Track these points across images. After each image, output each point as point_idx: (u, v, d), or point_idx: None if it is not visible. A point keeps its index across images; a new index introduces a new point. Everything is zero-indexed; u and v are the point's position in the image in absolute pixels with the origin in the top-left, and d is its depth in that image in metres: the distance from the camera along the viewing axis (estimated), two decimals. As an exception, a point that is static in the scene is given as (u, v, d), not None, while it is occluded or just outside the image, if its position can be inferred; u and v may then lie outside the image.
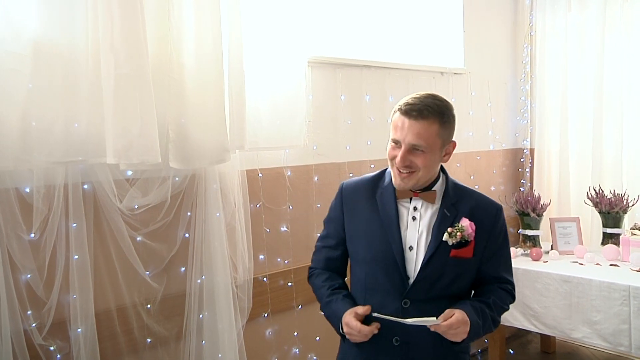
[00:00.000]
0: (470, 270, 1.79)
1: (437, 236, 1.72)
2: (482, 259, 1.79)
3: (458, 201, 1.78)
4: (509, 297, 1.85)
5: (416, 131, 1.65)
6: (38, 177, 1.92)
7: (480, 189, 3.89)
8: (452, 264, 1.73)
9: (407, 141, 1.66)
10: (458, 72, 3.75)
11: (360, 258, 1.82)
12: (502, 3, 4.19)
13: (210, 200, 2.32)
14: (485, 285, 1.83)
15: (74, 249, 1.99)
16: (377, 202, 1.80)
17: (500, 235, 1.83)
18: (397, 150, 1.69)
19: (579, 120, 3.96)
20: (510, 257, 1.89)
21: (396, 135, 1.68)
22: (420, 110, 1.64)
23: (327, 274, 1.90)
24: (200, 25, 2.13)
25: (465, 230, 1.71)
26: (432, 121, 1.66)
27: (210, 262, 2.31)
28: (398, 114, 1.69)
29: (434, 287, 1.73)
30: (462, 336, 1.65)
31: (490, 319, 1.76)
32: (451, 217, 1.75)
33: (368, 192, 1.84)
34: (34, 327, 1.92)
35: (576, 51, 3.94)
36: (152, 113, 1.97)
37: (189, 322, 2.31)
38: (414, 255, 1.74)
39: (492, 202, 1.85)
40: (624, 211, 3.48)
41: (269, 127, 2.46)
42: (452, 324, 1.62)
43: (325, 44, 2.98)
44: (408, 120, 1.65)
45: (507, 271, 1.86)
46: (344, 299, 1.80)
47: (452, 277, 1.74)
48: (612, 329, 2.85)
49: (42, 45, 1.81)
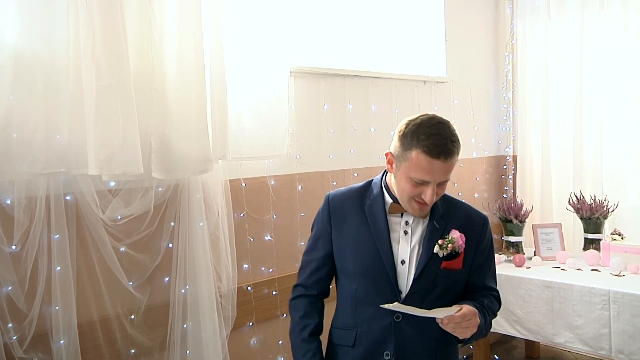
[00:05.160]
0: (460, 281, 1.79)
1: (428, 249, 1.72)
2: (471, 269, 1.80)
3: (447, 213, 1.78)
4: (496, 303, 1.86)
5: (446, 170, 1.62)
6: (19, 188, 1.91)
7: (463, 196, 3.94)
8: (443, 276, 1.73)
9: (438, 181, 1.63)
10: (440, 80, 3.79)
11: (350, 272, 1.79)
12: (484, 12, 4.24)
13: (194, 210, 2.32)
14: (473, 294, 1.83)
15: (56, 260, 1.98)
16: (366, 215, 1.78)
17: (487, 245, 1.84)
18: (420, 188, 1.64)
19: (560, 127, 4.02)
20: (495, 266, 1.91)
21: (424, 177, 1.61)
22: (450, 151, 1.60)
23: (305, 308, 1.84)
24: (182, 36, 2.14)
25: (456, 241, 1.71)
26: (457, 154, 1.64)
27: (194, 271, 2.31)
28: (423, 155, 1.58)
29: (426, 299, 1.72)
30: (473, 330, 1.63)
31: (489, 320, 1.77)
32: (441, 229, 1.74)
33: (356, 204, 1.81)
34: (15, 340, 1.90)
35: (556, 59, 4.00)
36: (134, 123, 1.98)
37: (173, 332, 2.30)
38: (406, 269, 1.73)
39: (479, 213, 1.86)
40: (604, 217, 3.52)
41: (251, 136, 2.47)
42: (466, 314, 1.60)
43: (308, 54, 3.00)
44: (439, 163, 1.59)
45: (493, 280, 1.88)
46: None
47: (443, 289, 1.74)
48: (593, 333, 2.88)
49: (23, 56, 1.81)
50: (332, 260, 1.85)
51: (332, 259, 1.85)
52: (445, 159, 1.59)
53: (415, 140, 1.60)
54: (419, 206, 1.69)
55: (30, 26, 1.82)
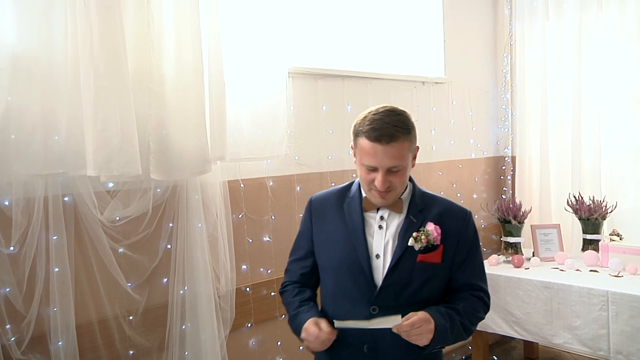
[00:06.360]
0: (440, 276, 1.77)
1: (403, 242, 1.72)
2: (453, 265, 1.78)
3: (425, 208, 1.79)
4: (481, 304, 1.81)
5: (391, 154, 1.64)
6: (17, 189, 1.91)
7: (462, 196, 3.95)
8: (419, 270, 1.72)
9: (385, 166, 1.65)
10: (439, 81, 3.80)
11: (328, 267, 1.82)
12: (482, 13, 4.25)
13: (192, 211, 2.32)
14: (457, 293, 1.81)
15: (54, 261, 1.97)
16: (344, 211, 1.81)
17: (470, 240, 1.82)
18: (373, 174, 1.68)
19: (558, 127, 4.03)
20: (483, 264, 1.87)
21: (370, 162, 1.66)
22: (391, 134, 1.62)
23: (298, 288, 1.89)
24: (180, 36, 2.14)
25: (431, 234, 1.71)
26: (402, 140, 1.65)
27: (192, 273, 2.31)
28: (366, 140, 1.65)
29: (402, 293, 1.72)
30: (428, 336, 1.62)
31: (460, 325, 1.72)
32: (418, 223, 1.75)
33: (336, 202, 1.85)
34: (13, 341, 1.90)
35: (555, 59, 4.01)
36: (132, 125, 1.98)
37: (171, 333, 2.30)
38: (381, 262, 1.73)
39: (460, 208, 1.86)
40: (603, 217, 3.53)
41: (250, 137, 2.47)
42: (414, 322, 1.59)
43: (306, 55, 3.00)
44: (381, 146, 1.63)
45: (479, 278, 1.83)
46: (310, 310, 1.79)
47: (420, 283, 1.73)
48: (592, 334, 2.89)
49: (21, 57, 1.81)
50: (314, 258, 1.89)
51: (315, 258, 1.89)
52: (388, 143, 1.62)
53: (361, 127, 1.68)
54: (378, 194, 1.71)
55: (28, 27, 1.83)
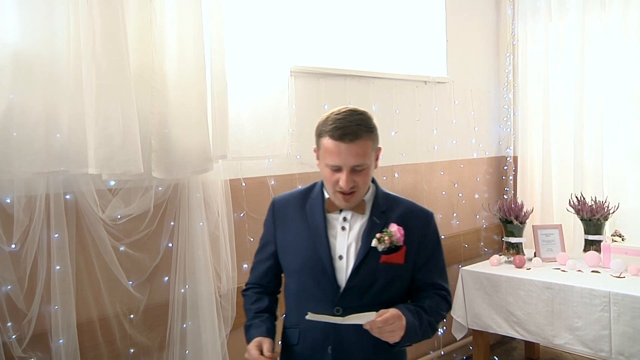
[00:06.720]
0: (403, 277, 1.78)
1: (366, 243, 1.72)
2: (415, 265, 1.79)
3: (388, 209, 1.79)
4: (444, 302, 1.83)
5: (355, 152, 1.64)
6: (19, 187, 1.91)
7: (463, 196, 3.95)
8: (383, 270, 1.72)
9: (349, 164, 1.65)
10: (441, 81, 3.79)
11: (291, 269, 1.82)
12: (485, 13, 4.24)
13: (194, 210, 2.32)
14: (420, 292, 1.82)
15: (55, 259, 1.98)
16: (306, 213, 1.81)
17: (432, 241, 1.83)
18: (337, 174, 1.67)
19: (560, 128, 4.01)
20: (444, 263, 1.88)
21: (335, 162, 1.65)
22: (354, 132, 1.63)
23: (257, 295, 1.89)
24: (182, 35, 2.14)
25: (394, 235, 1.71)
26: (365, 138, 1.66)
27: (193, 271, 2.31)
28: (330, 140, 1.65)
29: (366, 294, 1.72)
30: (400, 333, 1.62)
31: (427, 323, 1.73)
32: (381, 225, 1.75)
33: (298, 204, 1.84)
34: (14, 339, 1.90)
35: (557, 60, 4.00)
36: (134, 123, 1.98)
37: (172, 332, 2.31)
38: (344, 264, 1.73)
39: (422, 209, 1.86)
40: (605, 218, 3.52)
41: (252, 136, 2.47)
42: (387, 318, 1.59)
43: (309, 54, 3.00)
44: (345, 145, 1.63)
45: (441, 277, 1.85)
46: (260, 326, 1.79)
47: (384, 284, 1.73)
48: (593, 334, 2.88)
49: (23, 55, 1.81)
50: (277, 260, 1.88)
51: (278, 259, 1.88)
52: (351, 141, 1.63)
53: (323, 127, 1.68)
54: (342, 197, 1.71)
55: (30, 25, 1.83)
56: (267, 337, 1.73)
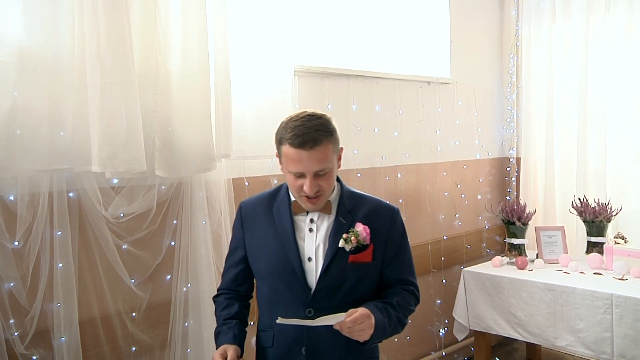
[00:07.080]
0: (372, 275, 1.80)
1: (334, 244, 1.73)
2: (384, 262, 1.81)
3: (354, 208, 1.80)
4: (412, 297, 1.85)
5: (316, 159, 1.64)
6: (22, 184, 1.92)
7: (466, 197, 3.94)
8: (352, 270, 1.74)
9: (311, 170, 1.65)
10: (445, 81, 3.79)
11: (262, 272, 1.83)
12: (489, 14, 4.23)
13: (196, 209, 2.32)
14: (388, 288, 1.83)
15: (58, 257, 1.98)
16: (274, 216, 1.81)
17: (398, 237, 1.84)
18: (301, 180, 1.67)
19: (564, 129, 4.01)
20: (412, 258, 1.90)
21: (297, 168, 1.66)
22: (314, 139, 1.62)
23: (227, 301, 1.89)
24: (186, 34, 2.14)
25: (360, 234, 1.73)
26: (326, 143, 1.65)
27: (196, 270, 2.32)
28: (290, 147, 1.64)
29: (337, 294, 1.73)
30: (369, 332, 1.64)
31: (396, 319, 1.75)
32: (347, 225, 1.76)
33: (265, 207, 1.84)
34: (16, 336, 1.91)
35: (561, 61, 3.99)
36: (138, 121, 1.98)
37: (174, 330, 2.31)
38: (314, 265, 1.74)
39: (388, 206, 1.87)
40: (607, 220, 3.51)
41: (255, 135, 2.47)
42: (357, 318, 1.61)
43: (312, 53, 3.00)
44: (306, 152, 1.63)
45: (409, 273, 1.87)
46: (227, 333, 1.79)
47: (353, 283, 1.75)
48: (595, 336, 2.88)
49: (27, 53, 1.82)
50: (247, 264, 1.88)
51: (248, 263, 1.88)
52: (312, 147, 1.63)
53: (283, 135, 1.67)
54: (308, 201, 1.71)
55: (35, 23, 1.83)
56: (234, 344, 1.75)
